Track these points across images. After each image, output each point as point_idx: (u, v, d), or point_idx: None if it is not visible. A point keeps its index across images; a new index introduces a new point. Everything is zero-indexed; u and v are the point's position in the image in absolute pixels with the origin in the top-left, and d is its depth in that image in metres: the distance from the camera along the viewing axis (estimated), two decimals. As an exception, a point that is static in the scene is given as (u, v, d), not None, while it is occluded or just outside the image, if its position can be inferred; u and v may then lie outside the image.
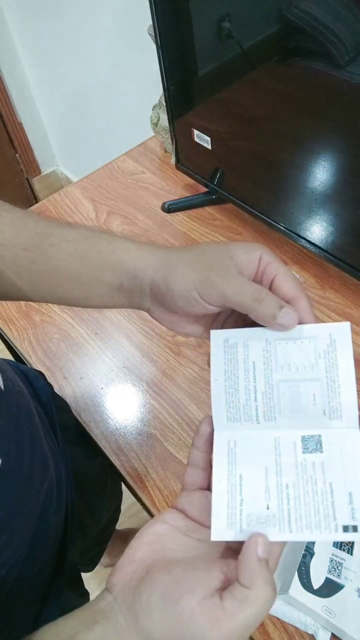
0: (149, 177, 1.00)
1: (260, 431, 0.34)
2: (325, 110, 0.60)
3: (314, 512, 0.30)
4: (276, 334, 0.34)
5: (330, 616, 0.48)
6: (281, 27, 0.57)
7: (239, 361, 0.35)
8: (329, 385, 0.33)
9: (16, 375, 0.57)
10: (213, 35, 0.65)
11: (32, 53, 1.66)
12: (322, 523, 0.30)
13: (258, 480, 0.32)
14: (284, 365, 0.34)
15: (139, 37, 0.90)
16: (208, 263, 0.35)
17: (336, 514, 0.30)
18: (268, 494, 0.31)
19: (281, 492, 0.31)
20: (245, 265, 0.35)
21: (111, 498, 0.86)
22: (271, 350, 0.34)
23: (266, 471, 0.32)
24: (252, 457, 0.33)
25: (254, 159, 0.76)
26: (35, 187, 2.12)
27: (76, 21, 1.32)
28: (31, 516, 0.49)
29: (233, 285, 0.33)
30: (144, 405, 0.69)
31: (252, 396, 0.34)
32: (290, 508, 0.31)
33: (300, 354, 0.34)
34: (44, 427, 0.58)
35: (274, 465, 0.32)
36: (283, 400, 0.33)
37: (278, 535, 0.30)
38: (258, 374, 0.34)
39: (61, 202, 0.98)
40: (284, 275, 0.34)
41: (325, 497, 0.30)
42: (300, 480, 0.31)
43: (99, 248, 0.39)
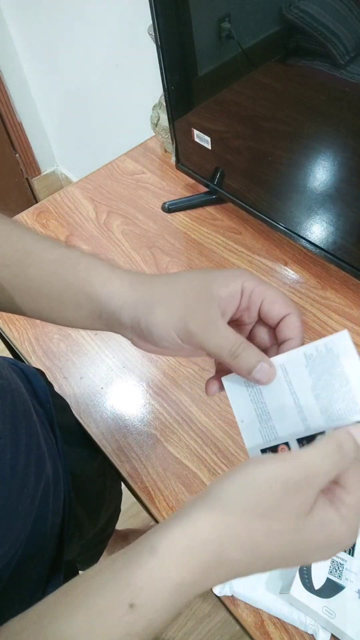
0: (149, 177, 1.00)
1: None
2: (325, 110, 0.60)
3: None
4: (281, 363, 0.35)
5: (330, 617, 0.48)
6: (281, 27, 0.57)
7: (261, 391, 0.35)
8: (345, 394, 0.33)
9: (14, 373, 0.57)
10: (213, 35, 0.65)
11: (32, 53, 1.66)
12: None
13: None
14: (302, 387, 0.34)
15: (139, 37, 0.90)
16: (188, 306, 0.34)
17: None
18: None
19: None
20: (228, 301, 0.34)
21: (110, 498, 0.86)
22: (285, 378, 0.35)
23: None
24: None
25: (254, 159, 0.76)
26: (35, 187, 2.11)
27: (76, 21, 1.32)
28: (27, 514, 0.49)
29: (211, 339, 0.33)
30: (144, 405, 0.69)
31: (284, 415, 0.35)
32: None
33: (310, 376, 0.34)
34: (42, 425, 0.58)
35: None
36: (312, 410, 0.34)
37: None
38: (280, 397, 0.35)
39: (61, 202, 0.98)
40: (271, 297, 0.34)
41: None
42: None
43: (77, 275, 0.38)
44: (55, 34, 1.45)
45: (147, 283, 0.36)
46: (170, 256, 0.86)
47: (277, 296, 0.34)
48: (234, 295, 0.34)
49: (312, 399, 0.33)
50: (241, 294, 0.34)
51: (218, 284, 0.34)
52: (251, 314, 0.36)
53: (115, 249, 0.88)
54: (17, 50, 1.70)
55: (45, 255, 0.39)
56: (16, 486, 0.46)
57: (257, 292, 0.34)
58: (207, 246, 0.87)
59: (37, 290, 0.39)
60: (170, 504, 0.60)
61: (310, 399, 0.33)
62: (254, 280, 0.34)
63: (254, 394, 0.36)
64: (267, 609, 0.52)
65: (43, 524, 0.52)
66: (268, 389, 0.35)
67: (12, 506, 0.45)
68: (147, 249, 0.87)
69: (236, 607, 0.53)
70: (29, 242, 0.39)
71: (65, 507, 0.59)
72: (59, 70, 1.58)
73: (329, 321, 0.74)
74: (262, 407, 0.35)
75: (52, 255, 0.39)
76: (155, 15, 0.68)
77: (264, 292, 0.34)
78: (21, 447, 0.48)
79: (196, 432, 0.65)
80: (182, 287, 0.35)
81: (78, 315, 0.39)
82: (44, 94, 1.79)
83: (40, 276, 0.38)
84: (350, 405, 0.32)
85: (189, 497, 0.60)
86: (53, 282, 0.38)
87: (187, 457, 0.64)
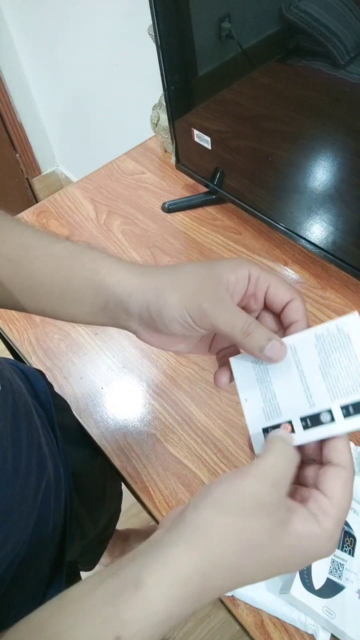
0: (149, 177, 1.00)
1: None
2: (325, 110, 0.60)
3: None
4: (291, 342, 0.35)
5: (330, 617, 0.48)
6: (281, 27, 0.57)
7: (268, 370, 0.36)
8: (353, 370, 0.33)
9: (15, 374, 0.57)
10: (213, 35, 0.65)
11: (32, 53, 1.66)
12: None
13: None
14: (310, 366, 0.35)
15: (139, 37, 0.90)
16: (198, 288, 0.35)
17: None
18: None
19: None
20: (235, 286, 0.35)
21: (111, 499, 0.86)
22: (294, 357, 0.35)
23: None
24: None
25: (254, 159, 0.75)
26: (35, 187, 2.11)
27: (76, 21, 1.32)
28: (29, 516, 0.49)
29: (224, 317, 0.34)
30: (144, 405, 0.69)
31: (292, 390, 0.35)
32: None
33: (319, 355, 0.34)
34: (43, 426, 0.58)
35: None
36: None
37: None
38: (289, 375, 0.35)
39: (61, 202, 0.98)
40: (275, 283, 0.35)
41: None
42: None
43: (83, 266, 0.38)
44: (55, 34, 1.45)
45: (155, 272, 0.37)
46: (170, 256, 0.86)
47: (281, 282, 0.36)
48: (242, 280, 0.35)
49: (319, 377, 0.34)
50: (248, 280, 0.35)
51: (226, 270, 0.35)
52: (258, 300, 0.36)
53: (115, 249, 0.88)
54: (17, 50, 1.70)
55: (48, 249, 0.39)
56: (18, 487, 0.46)
57: (263, 278, 0.35)
58: (207, 246, 0.87)
59: (41, 285, 0.39)
60: (171, 504, 0.60)
61: (318, 377, 0.34)
62: (259, 268, 0.36)
63: (261, 374, 0.36)
64: (267, 609, 0.52)
65: (45, 524, 0.52)
66: (275, 368, 0.35)
67: (14, 507, 0.45)
68: (147, 249, 0.87)
69: (236, 607, 0.53)
70: (31, 237, 0.39)
71: (66, 507, 0.59)
72: (59, 70, 1.58)
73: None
74: (267, 385, 0.36)
75: (56, 249, 0.39)
76: (155, 15, 0.68)
77: (269, 279, 0.35)
78: (22, 448, 0.48)
79: (196, 432, 0.65)
80: (191, 273, 0.36)
81: (81, 309, 0.38)
82: (44, 94, 1.79)
83: (43, 270, 0.38)
84: (357, 380, 0.32)
85: (188, 497, 0.60)
86: (56, 275, 0.38)
87: (187, 457, 0.64)
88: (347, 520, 0.53)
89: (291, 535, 0.28)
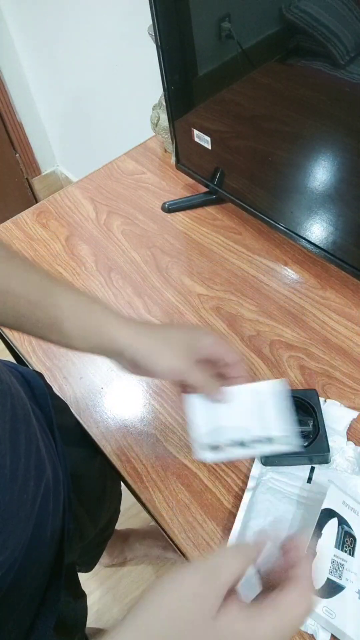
0: (149, 177, 1.00)
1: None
2: (325, 110, 0.60)
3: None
4: (235, 391, 0.52)
5: (330, 617, 0.48)
6: (281, 27, 0.57)
7: (216, 409, 0.52)
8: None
9: (13, 377, 0.57)
10: (213, 35, 0.65)
11: (32, 53, 1.66)
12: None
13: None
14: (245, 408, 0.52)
15: (139, 37, 0.90)
16: (178, 353, 0.49)
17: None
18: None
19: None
20: (202, 351, 0.50)
21: (111, 499, 0.85)
22: (235, 400, 0.52)
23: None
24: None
25: (254, 159, 0.76)
26: (35, 187, 2.12)
27: (76, 21, 1.32)
28: (27, 520, 0.48)
29: (192, 376, 0.49)
30: (144, 405, 0.69)
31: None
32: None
33: (252, 403, 0.52)
34: (42, 429, 0.58)
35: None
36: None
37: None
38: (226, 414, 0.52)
39: (61, 202, 0.98)
40: (225, 352, 0.51)
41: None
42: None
43: (92, 316, 0.48)
44: (55, 34, 1.45)
45: (145, 333, 0.49)
46: (170, 256, 0.86)
47: (229, 351, 0.51)
48: (207, 347, 0.50)
49: (251, 416, 0.51)
50: (210, 346, 0.50)
51: (196, 339, 0.50)
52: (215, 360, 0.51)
53: (115, 249, 0.88)
54: (17, 50, 1.70)
55: (65, 297, 0.48)
56: (16, 492, 0.46)
57: (217, 347, 0.51)
58: (207, 246, 0.87)
59: (55, 327, 0.47)
60: (170, 504, 0.60)
61: (250, 416, 0.51)
62: (213, 339, 0.51)
63: (209, 408, 0.52)
64: (267, 609, 0.52)
65: (43, 528, 0.52)
66: (219, 406, 0.52)
67: (12, 512, 0.45)
68: (147, 249, 0.87)
69: (236, 607, 0.53)
70: (49, 284, 0.48)
71: (65, 510, 0.59)
72: (59, 70, 1.58)
73: (329, 321, 0.74)
74: (213, 416, 0.52)
75: (71, 298, 0.48)
76: (155, 15, 0.68)
77: (221, 348, 0.51)
78: (20, 452, 0.48)
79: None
80: (172, 338, 0.50)
81: (82, 347, 0.49)
82: (44, 94, 1.79)
83: (59, 316, 0.47)
84: (275, 424, 0.51)
85: (188, 497, 0.60)
86: (70, 321, 0.47)
87: (187, 457, 0.64)
88: (347, 520, 0.53)
89: (215, 628, 0.31)
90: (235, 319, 0.76)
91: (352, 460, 0.60)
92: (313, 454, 0.59)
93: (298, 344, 0.72)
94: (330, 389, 0.67)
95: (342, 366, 0.69)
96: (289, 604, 0.32)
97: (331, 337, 0.73)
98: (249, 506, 0.58)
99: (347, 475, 0.58)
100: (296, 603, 0.32)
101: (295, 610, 0.32)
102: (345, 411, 0.64)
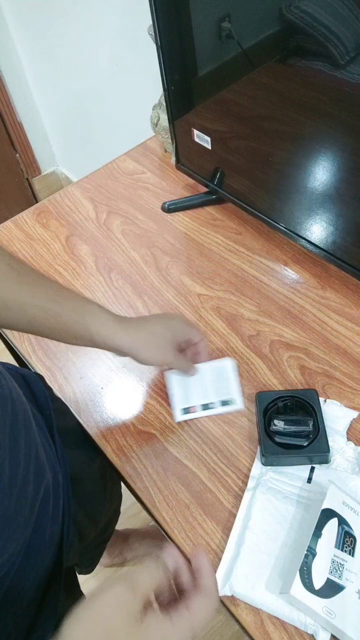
0: (149, 177, 1.00)
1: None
2: (325, 110, 0.60)
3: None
4: (201, 367, 0.69)
5: (330, 617, 0.48)
6: (281, 27, 0.57)
7: (188, 380, 0.69)
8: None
9: (14, 381, 0.56)
10: (213, 35, 0.65)
11: (32, 53, 1.66)
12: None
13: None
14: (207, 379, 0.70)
15: (139, 37, 0.91)
16: (164, 347, 0.61)
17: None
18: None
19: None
20: (179, 339, 0.64)
21: (111, 500, 0.85)
22: (201, 373, 0.69)
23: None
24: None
25: (254, 159, 0.76)
26: (35, 187, 2.12)
27: (76, 21, 1.32)
28: (25, 524, 0.48)
29: (177, 363, 0.64)
30: (144, 405, 0.69)
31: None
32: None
33: (212, 374, 0.70)
34: (42, 432, 0.58)
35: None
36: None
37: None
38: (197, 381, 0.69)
39: (61, 202, 0.98)
40: (192, 334, 0.66)
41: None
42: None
43: (86, 323, 0.56)
44: (55, 34, 1.45)
45: (132, 330, 0.59)
46: (170, 256, 0.86)
47: (195, 332, 0.66)
48: (183, 335, 0.64)
49: (211, 386, 0.68)
50: (186, 334, 0.65)
51: (174, 331, 0.63)
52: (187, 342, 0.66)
53: (115, 248, 0.88)
54: (17, 50, 1.71)
55: (71, 304, 0.56)
56: (15, 496, 0.46)
57: (188, 330, 0.65)
58: (207, 246, 0.87)
59: (62, 329, 0.55)
60: (170, 504, 0.60)
61: (210, 386, 0.68)
62: (189, 328, 0.66)
63: (181, 381, 0.69)
64: (267, 608, 0.52)
65: (42, 532, 0.52)
66: (191, 378, 0.68)
67: (11, 516, 0.45)
68: (147, 249, 0.87)
69: (236, 607, 0.53)
70: (55, 293, 0.55)
71: (64, 514, 0.58)
72: (59, 70, 1.58)
73: (329, 321, 0.74)
74: (185, 387, 0.68)
75: (77, 304, 0.56)
76: (155, 15, 0.68)
77: (190, 331, 0.66)
78: (20, 457, 0.48)
79: (196, 432, 0.66)
80: (154, 331, 0.61)
81: (80, 342, 0.58)
82: (44, 94, 1.79)
83: (65, 321, 0.55)
84: (227, 391, 0.68)
85: (188, 497, 0.60)
86: (74, 325, 0.56)
87: (187, 457, 0.64)
88: (347, 520, 0.53)
89: (141, 628, 0.35)
90: (235, 319, 0.76)
91: (352, 460, 0.60)
92: (313, 454, 0.59)
93: (298, 344, 0.72)
94: (330, 389, 0.67)
95: (342, 366, 0.69)
96: (193, 609, 0.38)
97: (331, 337, 0.73)
98: (249, 506, 0.58)
99: (347, 475, 0.58)
100: (199, 607, 0.38)
101: (198, 614, 0.38)
102: (345, 411, 0.64)
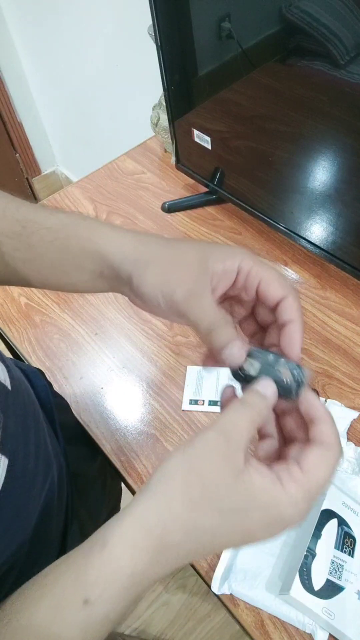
0: (149, 177, 1.00)
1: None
2: (325, 110, 0.60)
3: None
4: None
5: (330, 618, 0.48)
6: (281, 27, 0.57)
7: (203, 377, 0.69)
8: None
9: (22, 375, 0.57)
10: (213, 35, 0.65)
11: (32, 53, 1.66)
12: None
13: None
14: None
15: (139, 37, 0.90)
16: (180, 274, 0.34)
17: None
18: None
19: None
20: (221, 277, 0.34)
21: (110, 497, 0.85)
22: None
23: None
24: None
25: (254, 159, 0.75)
26: (35, 187, 2.12)
27: (76, 21, 1.32)
28: (33, 516, 0.49)
29: (192, 311, 0.33)
30: (144, 405, 0.69)
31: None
32: None
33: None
34: (47, 425, 0.58)
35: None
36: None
37: None
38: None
39: (61, 202, 0.98)
40: (267, 279, 0.34)
41: None
42: None
43: (79, 236, 0.38)
44: (55, 34, 1.45)
45: (148, 243, 0.36)
46: (170, 256, 0.86)
47: (274, 278, 0.34)
48: (229, 272, 0.34)
49: (220, 383, 0.68)
50: (237, 272, 0.34)
51: (214, 259, 0.34)
52: (249, 293, 0.35)
53: (115, 249, 0.88)
54: (17, 50, 1.70)
55: (45, 222, 0.39)
56: (25, 487, 0.46)
57: (254, 272, 0.34)
58: (207, 246, 0.86)
59: (41, 258, 0.39)
60: (170, 504, 0.60)
61: (222, 385, 0.61)
62: (251, 260, 0.34)
63: (199, 378, 0.69)
64: (267, 608, 0.52)
65: (48, 524, 0.52)
66: (207, 376, 0.69)
67: (21, 507, 0.45)
68: (147, 249, 0.87)
69: (236, 607, 0.53)
70: (26, 211, 0.40)
71: (67, 507, 0.59)
72: (59, 70, 1.58)
73: (329, 321, 0.74)
74: (200, 382, 0.69)
75: (52, 221, 0.39)
76: (155, 15, 0.68)
77: (261, 274, 0.34)
78: (31, 448, 0.48)
79: (196, 432, 0.65)
80: (179, 254, 0.35)
81: (81, 277, 0.39)
82: (44, 94, 1.79)
83: (40, 244, 0.39)
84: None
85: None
86: (54, 249, 0.39)
87: (187, 457, 0.64)
88: (347, 521, 0.53)
89: (245, 482, 0.28)
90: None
91: (352, 460, 0.60)
92: (313, 454, 0.59)
93: (298, 344, 0.72)
94: (331, 389, 0.67)
95: (342, 366, 0.69)
96: (309, 468, 0.29)
97: (331, 337, 0.73)
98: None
99: (347, 475, 0.58)
100: (316, 467, 0.29)
101: (316, 474, 0.29)
102: (345, 411, 0.64)
